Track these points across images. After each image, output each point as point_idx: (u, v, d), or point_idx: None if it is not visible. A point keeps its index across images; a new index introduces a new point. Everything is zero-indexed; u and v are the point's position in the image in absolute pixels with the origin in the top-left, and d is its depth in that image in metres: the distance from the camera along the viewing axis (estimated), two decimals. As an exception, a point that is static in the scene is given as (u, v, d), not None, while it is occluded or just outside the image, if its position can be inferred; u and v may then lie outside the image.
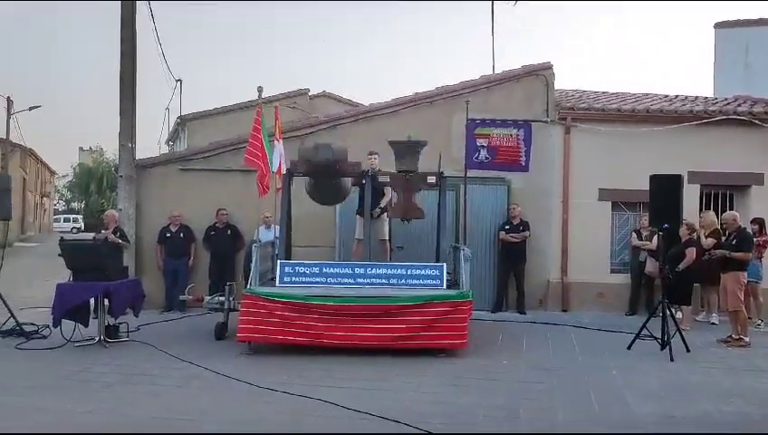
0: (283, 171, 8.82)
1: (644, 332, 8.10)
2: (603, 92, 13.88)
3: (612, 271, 11.61)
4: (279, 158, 8.67)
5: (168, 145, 26.09)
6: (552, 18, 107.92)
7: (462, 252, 8.36)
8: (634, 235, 11.18)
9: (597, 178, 11.48)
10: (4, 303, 8.64)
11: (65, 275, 8.43)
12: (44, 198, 46.40)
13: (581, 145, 11.51)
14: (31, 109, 30.02)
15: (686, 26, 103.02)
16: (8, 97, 28.08)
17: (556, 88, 11.94)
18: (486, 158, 9.94)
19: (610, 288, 11.40)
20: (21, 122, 29.54)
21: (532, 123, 10.43)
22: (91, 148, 58.03)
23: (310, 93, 21.43)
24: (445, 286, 8.07)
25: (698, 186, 11.25)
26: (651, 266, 10.73)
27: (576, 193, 11.49)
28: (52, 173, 50.50)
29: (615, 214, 11.72)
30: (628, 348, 8.09)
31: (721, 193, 11.68)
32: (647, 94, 13.68)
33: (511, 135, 9.92)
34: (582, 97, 13.07)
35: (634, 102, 12.50)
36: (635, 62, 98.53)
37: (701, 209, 10.91)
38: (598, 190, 11.52)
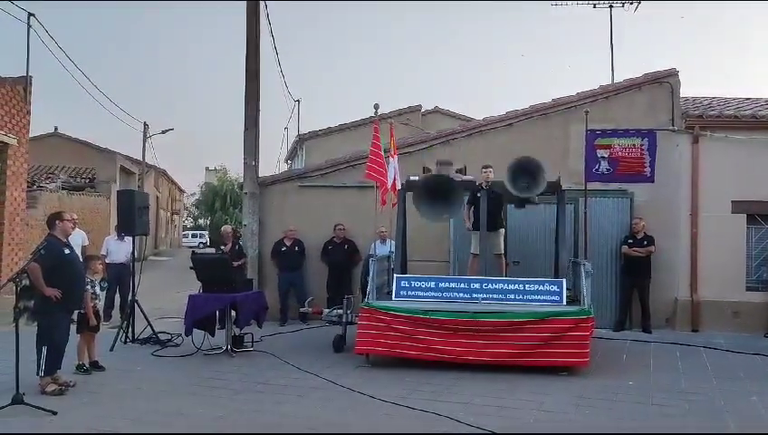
0: (398, 187, 8.93)
1: (788, 355, 7.47)
2: (733, 98, 13.01)
3: (748, 289, 10.79)
4: (394, 174, 8.80)
5: (287, 163, 27.11)
6: (671, 23, 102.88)
7: (582, 267, 8.08)
8: (773, 249, 10.36)
9: (729, 190, 10.76)
10: (143, 313, 9.26)
11: (194, 288, 8.94)
12: (174, 215, 49.54)
13: (712, 154, 10.83)
14: (164, 132, 32.19)
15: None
16: (144, 122, 30.30)
17: (682, 95, 11.34)
18: (608, 169, 9.58)
19: (746, 307, 10.60)
20: (154, 145, 31.99)
21: (657, 132, 9.93)
22: (215, 168, 61.25)
23: (422, 110, 21.58)
24: (564, 302, 7.83)
25: None
26: (794, 284, 9.89)
27: (706, 206, 10.81)
28: (182, 192, 53.90)
29: (750, 227, 10.90)
30: (770, 372, 7.50)
31: None
32: (786, 98, 12.67)
33: (634, 145, 9.50)
34: (712, 104, 12.32)
35: (770, 108, 11.62)
36: (760, 64, 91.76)
37: None
38: (731, 203, 10.78)
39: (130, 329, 9.18)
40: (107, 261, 10.88)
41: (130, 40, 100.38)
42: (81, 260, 7.54)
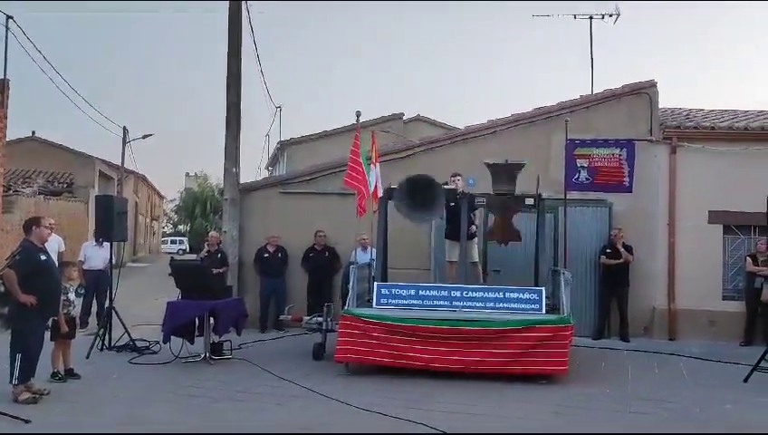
0: (380, 195, 8.93)
1: (762, 363, 7.58)
2: (711, 110, 13.22)
3: (725, 298, 10.93)
4: (375, 181, 8.79)
5: (268, 170, 26.99)
6: (650, 36, 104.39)
7: (562, 276, 8.13)
8: (749, 260, 10.48)
9: (706, 200, 10.90)
10: (120, 319, 9.14)
11: (173, 294, 8.85)
12: (154, 221, 49.09)
13: (689, 165, 10.98)
14: (144, 137, 31.81)
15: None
16: (124, 127, 30.00)
17: (660, 106, 11.50)
18: (587, 178, 9.64)
19: (723, 316, 10.72)
20: (134, 150, 31.63)
21: (636, 143, 10.04)
22: (196, 174, 60.87)
23: (404, 118, 21.62)
24: (544, 311, 7.88)
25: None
26: (768, 294, 10.03)
27: (683, 216, 10.94)
28: (161, 197, 53.43)
29: (727, 238, 11.05)
30: (745, 381, 7.57)
31: None
32: (761, 111, 12.90)
33: (613, 155, 9.57)
34: (689, 115, 12.50)
35: (747, 120, 11.82)
36: (737, 78, 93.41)
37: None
38: (707, 213, 10.92)
39: (107, 336, 9.05)
40: (84, 267, 10.75)
41: (110, 44, 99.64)
42: (57, 266, 7.45)
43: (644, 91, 11.23)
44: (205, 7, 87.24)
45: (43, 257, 6.49)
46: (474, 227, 9.39)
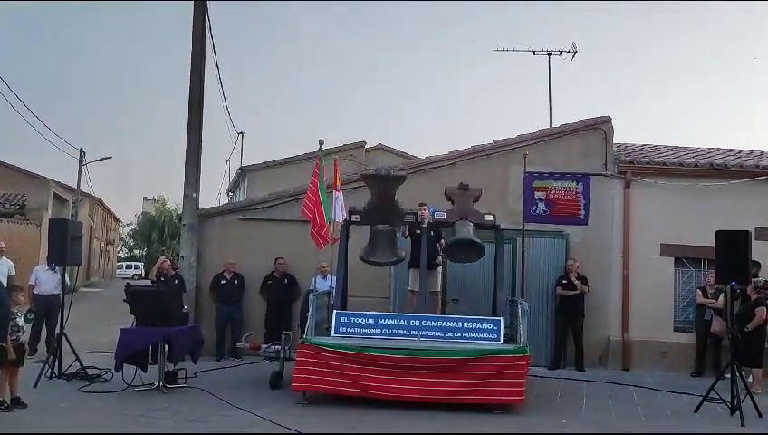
0: (342, 222, 8.94)
1: (712, 394, 7.76)
2: (665, 146, 13.67)
3: (676, 329, 11.19)
4: (339, 208, 8.80)
5: (228, 195, 26.78)
6: (609, 71, 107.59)
7: (519, 306, 8.23)
8: (699, 292, 10.78)
9: (659, 234, 11.21)
10: (71, 346, 8.89)
11: (127, 321, 8.66)
12: (109, 246, 48.01)
13: (642, 199, 11.30)
14: (101, 160, 31.38)
15: (750, 79, 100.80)
16: (81, 149, 29.50)
17: (615, 141, 11.84)
18: (544, 211, 9.85)
19: (674, 347, 10.97)
20: (91, 173, 30.89)
21: (592, 177, 10.31)
22: (154, 198, 60.00)
23: (366, 146, 21.78)
24: (501, 341, 7.95)
25: (766, 243, 10.82)
26: (717, 326, 10.31)
27: (637, 248, 11.22)
28: (117, 221, 52.37)
29: (678, 270, 11.36)
30: (695, 411, 7.74)
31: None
32: (709, 149, 13.40)
33: (569, 188, 9.83)
34: (643, 150, 12.90)
35: (696, 156, 12.26)
36: (694, 116, 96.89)
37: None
38: (660, 246, 11.22)
39: (57, 363, 8.77)
40: (35, 292, 10.45)
41: (68, 66, 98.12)
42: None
43: (599, 127, 11.55)
44: (168, 27, 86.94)
45: (-12, 281, 6.30)
46: (439, 257, 9.46)
